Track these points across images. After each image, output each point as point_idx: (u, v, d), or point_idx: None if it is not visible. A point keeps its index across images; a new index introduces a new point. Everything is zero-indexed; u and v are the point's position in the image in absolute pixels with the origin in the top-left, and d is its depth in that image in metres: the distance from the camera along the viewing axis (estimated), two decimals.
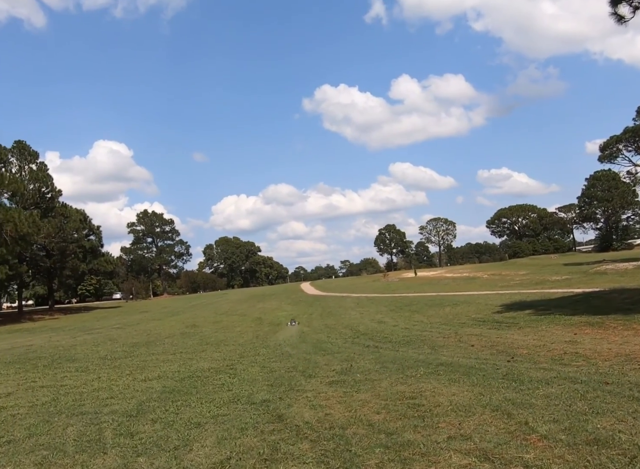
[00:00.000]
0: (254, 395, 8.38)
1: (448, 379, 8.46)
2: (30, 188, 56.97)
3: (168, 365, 12.87)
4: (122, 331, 27.10)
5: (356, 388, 8.35)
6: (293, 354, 13.48)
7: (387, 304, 29.54)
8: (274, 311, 33.36)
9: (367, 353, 12.72)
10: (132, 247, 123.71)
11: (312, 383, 9.17)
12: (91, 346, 19.96)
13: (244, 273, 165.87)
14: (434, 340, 14.30)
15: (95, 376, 11.89)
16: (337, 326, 21.10)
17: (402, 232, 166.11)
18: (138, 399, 8.74)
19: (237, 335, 20.66)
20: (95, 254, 69.96)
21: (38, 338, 26.98)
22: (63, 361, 15.44)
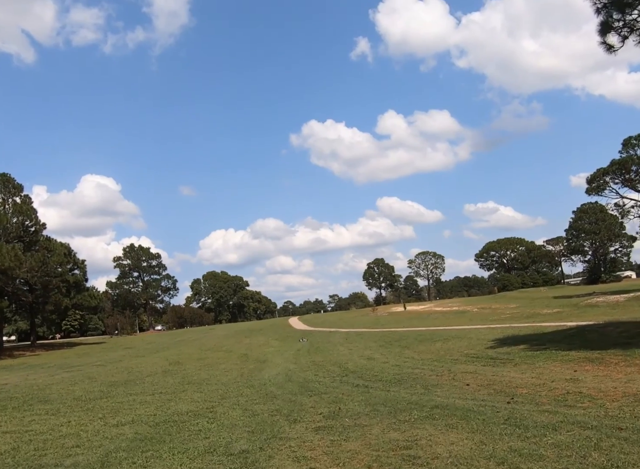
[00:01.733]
0: (233, 444, 7.63)
1: (445, 425, 7.77)
2: (13, 221, 56.03)
3: (144, 407, 12.05)
4: (103, 369, 26.09)
5: (345, 436, 7.62)
6: (278, 394, 12.70)
7: (377, 340, 28.79)
8: (261, 347, 32.48)
9: (356, 393, 11.97)
10: (118, 282, 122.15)
11: (296, 429, 8.43)
12: (68, 385, 19.01)
13: (232, 308, 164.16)
14: (427, 378, 13.60)
15: (65, 420, 11.05)
16: (325, 363, 20.31)
17: (390, 266, 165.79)
18: (105, 449, 7.96)
19: (221, 373, 19.81)
20: (80, 288, 68.56)
21: (14, 376, 25.89)
22: (35, 402, 14.53)
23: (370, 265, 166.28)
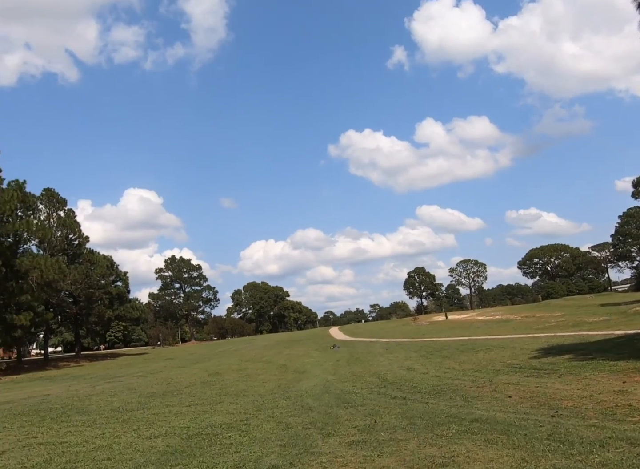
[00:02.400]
0: (262, 459, 7.41)
1: (484, 440, 7.41)
2: (57, 235, 57.37)
3: (179, 419, 11.94)
4: (143, 380, 26.25)
5: (379, 451, 7.33)
6: (314, 406, 12.44)
7: (417, 349, 28.30)
8: (301, 357, 32.27)
9: (393, 405, 11.63)
10: (160, 293, 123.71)
11: (329, 443, 8.16)
12: (107, 396, 19.11)
13: (273, 318, 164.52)
14: (467, 390, 13.16)
15: (100, 431, 11.01)
16: (364, 373, 19.97)
17: (431, 275, 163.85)
18: (135, 462, 7.83)
19: (259, 384, 19.65)
20: (122, 300, 69.76)
21: (57, 387, 26.29)
22: (73, 413, 14.60)
23: (411, 274, 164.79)
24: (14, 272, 42.73)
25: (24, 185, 48.11)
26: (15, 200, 43.65)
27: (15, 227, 45.48)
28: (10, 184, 46.54)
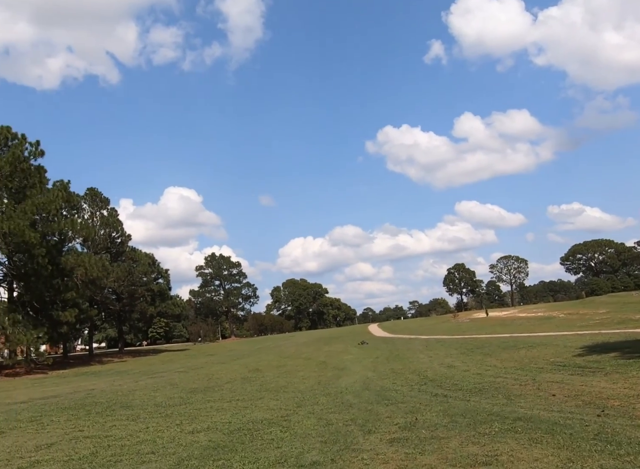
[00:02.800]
0: (304, 455, 7.44)
1: (528, 439, 7.29)
2: (101, 233, 58.59)
3: (221, 415, 12.07)
4: (185, 375, 26.63)
5: (420, 449, 7.28)
6: (354, 403, 12.44)
7: (458, 347, 28.02)
8: (340, 354, 32.27)
9: (434, 403, 11.55)
10: (201, 290, 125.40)
11: (370, 440, 8.15)
12: (150, 391, 19.45)
13: (312, 315, 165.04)
14: (510, 388, 12.98)
15: (143, 425, 11.21)
16: (404, 370, 19.86)
17: (471, 272, 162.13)
18: (178, 456, 7.95)
19: (299, 381, 19.72)
20: (164, 297, 70.79)
21: (102, 382, 26.83)
22: (117, 407, 14.90)
23: (450, 270, 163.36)
24: (59, 270, 43.75)
25: (68, 185, 49.20)
26: (60, 200, 44.65)
27: (61, 226, 46.57)
28: (55, 184, 47.64)
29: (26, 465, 8.03)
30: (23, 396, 21.50)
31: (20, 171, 41.38)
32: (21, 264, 42.89)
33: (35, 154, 43.41)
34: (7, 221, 37.31)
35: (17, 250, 41.00)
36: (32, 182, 42.77)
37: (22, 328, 38.30)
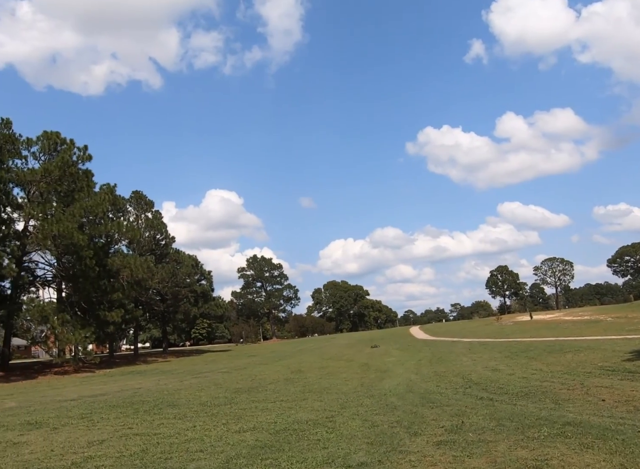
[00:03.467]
0: (351, 456, 7.47)
1: (579, 444, 7.18)
2: (146, 235, 59.73)
3: (266, 415, 12.19)
4: (228, 376, 26.92)
5: (468, 452, 7.24)
6: (398, 405, 12.41)
7: (502, 350, 27.64)
8: (382, 356, 32.17)
9: (480, 406, 11.44)
10: (242, 292, 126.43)
11: (417, 442, 8.13)
12: (195, 390, 19.73)
13: (353, 317, 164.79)
14: (557, 392, 12.76)
15: (190, 424, 11.40)
16: (448, 373, 19.71)
17: (515, 274, 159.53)
18: (227, 455, 8.07)
19: (341, 382, 19.74)
20: (206, 298, 71.75)
21: (148, 381, 27.32)
22: (164, 406, 15.17)
23: (493, 273, 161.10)
24: (106, 271, 44.76)
25: (114, 188, 50.36)
26: (106, 203, 45.70)
27: (107, 228, 47.66)
28: (102, 188, 48.81)
29: (80, 460, 8.25)
30: (73, 394, 22.08)
31: (69, 175, 42.51)
32: (70, 266, 44.03)
33: (83, 158, 44.54)
34: (56, 224, 38.33)
35: (66, 252, 42.09)
36: (80, 186, 43.89)
37: (70, 328, 39.31)
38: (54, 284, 47.12)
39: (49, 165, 41.71)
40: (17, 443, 10.12)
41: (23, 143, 43.88)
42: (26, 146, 44.02)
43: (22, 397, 22.82)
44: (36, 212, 40.38)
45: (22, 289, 45.80)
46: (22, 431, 11.52)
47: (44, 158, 44.07)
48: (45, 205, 41.58)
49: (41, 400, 20.09)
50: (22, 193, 44.19)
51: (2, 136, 42.37)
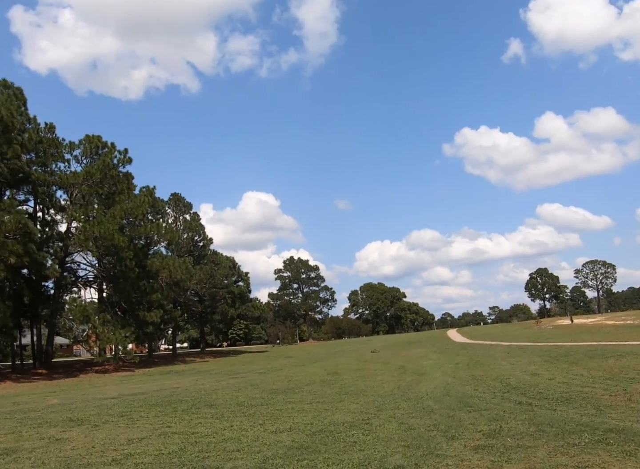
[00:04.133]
0: (387, 459, 7.45)
1: (621, 452, 7.01)
2: (184, 237, 60.57)
3: (302, 416, 12.23)
4: (265, 376, 27.08)
5: (506, 457, 7.14)
6: (435, 409, 12.31)
7: (541, 354, 27.16)
8: (419, 359, 31.94)
9: (519, 411, 11.27)
10: (279, 293, 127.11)
11: (454, 446, 8.06)
12: (232, 390, 19.90)
13: (389, 319, 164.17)
14: (599, 398, 12.48)
15: (228, 424, 11.51)
16: (486, 377, 19.45)
17: (555, 277, 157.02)
18: (263, 455, 8.13)
19: (378, 385, 19.66)
20: (244, 299, 72.34)
21: (186, 381, 27.66)
22: (202, 405, 15.35)
23: (532, 275, 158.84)
24: (145, 272, 45.53)
25: (153, 191, 51.29)
26: (146, 205, 46.53)
27: (147, 230, 48.51)
28: (142, 190, 49.73)
29: (120, 457, 8.41)
30: (113, 392, 22.51)
31: (110, 178, 43.42)
32: (110, 266, 44.93)
33: (123, 161, 45.44)
34: (97, 226, 39.16)
35: (107, 253, 42.97)
36: (121, 188, 44.78)
37: (111, 327, 40.10)
38: (95, 285, 48.15)
39: (90, 168, 42.68)
40: (59, 439, 10.38)
41: (66, 147, 45.05)
42: (69, 150, 45.18)
43: (64, 394, 23.37)
44: (78, 214, 41.35)
45: (64, 289, 46.95)
46: (65, 428, 11.81)
47: (85, 161, 45.14)
48: (87, 207, 42.56)
49: (83, 398, 20.54)
50: (65, 196, 45.40)
51: (46, 140, 43.52)
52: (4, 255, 33.06)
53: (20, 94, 41.13)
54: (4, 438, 10.77)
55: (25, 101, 42.00)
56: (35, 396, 23.02)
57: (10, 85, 40.33)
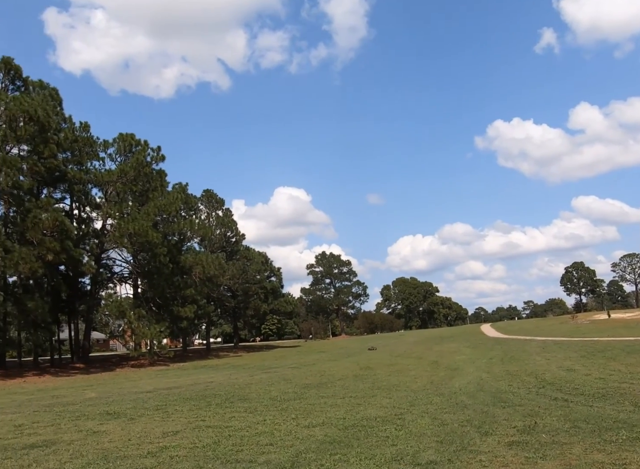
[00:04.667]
0: (420, 454, 7.42)
1: None
2: (217, 233, 61.08)
3: (335, 410, 12.25)
4: (297, 371, 27.19)
5: (541, 453, 7.06)
6: (469, 404, 12.22)
7: (577, 349, 26.74)
8: (452, 354, 31.72)
9: (554, 407, 11.12)
10: (311, 288, 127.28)
11: (488, 442, 7.99)
12: (265, 385, 20.04)
13: (422, 314, 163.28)
14: (637, 395, 12.25)
15: (261, 418, 11.60)
16: (520, 373, 19.23)
17: (591, 270, 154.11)
18: (296, 449, 8.17)
19: (410, 380, 19.59)
20: (276, 294, 72.73)
21: (219, 375, 27.95)
22: (235, 400, 15.51)
23: (568, 269, 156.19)
24: (179, 268, 46.08)
25: (186, 187, 51.93)
26: (179, 201, 47.07)
27: (180, 226, 49.11)
28: (175, 187, 50.37)
29: (155, 450, 8.54)
30: (148, 386, 22.87)
31: (144, 175, 44.02)
32: (145, 263, 45.59)
33: (156, 158, 46.00)
34: (132, 222, 39.76)
35: (141, 249, 43.62)
36: (154, 186, 45.35)
37: (146, 322, 40.72)
38: (130, 281, 48.94)
39: (124, 166, 43.32)
40: (96, 431, 10.59)
41: (100, 145, 45.83)
42: (103, 148, 45.96)
43: (101, 388, 23.83)
44: (113, 211, 42.04)
45: (100, 285, 47.87)
46: (102, 421, 12.04)
47: (119, 159, 45.85)
48: (122, 204, 43.21)
49: (119, 391, 20.93)
50: (100, 193, 46.23)
51: (81, 139, 44.32)
52: (42, 252, 33.81)
53: (55, 94, 41.98)
54: (43, 430, 11.04)
55: (60, 101, 42.87)
56: (73, 390, 23.53)
57: (46, 86, 41.18)
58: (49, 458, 8.18)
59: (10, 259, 32.35)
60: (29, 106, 34.32)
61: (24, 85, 39.27)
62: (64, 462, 7.87)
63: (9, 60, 37.37)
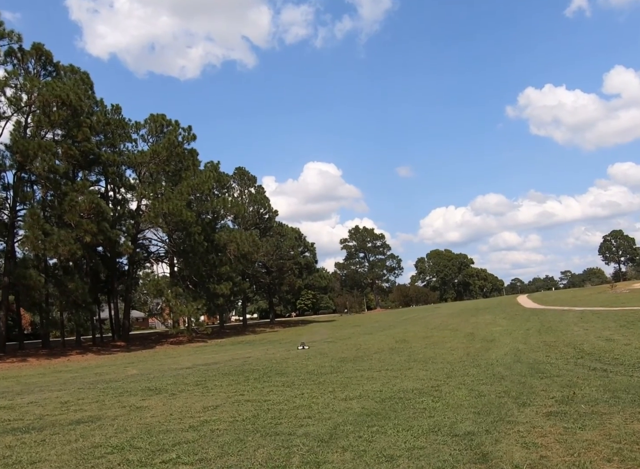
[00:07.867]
0: (457, 425, 7.46)
1: None
2: (249, 210, 61.45)
3: (371, 383, 12.35)
4: (333, 345, 27.40)
5: (580, 424, 7.03)
6: (506, 375, 12.19)
7: (616, 319, 26.32)
8: (488, 325, 31.55)
9: (593, 377, 11.02)
10: (345, 263, 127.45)
11: (525, 413, 7.98)
12: (302, 359, 20.26)
13: (457, 286, 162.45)
14: None
15: (298, 392, 11.76)
16: (558, 343, 19.05)
17: (630, 239, 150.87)
18: (334, 421, 8.28)
19: (446, 352, 19.58)
20: (310, 270, 73.17)
21: (256, 350, 28.36)
22: (273, 374, 15.74)
23: (606, 238, 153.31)
24: (214, 246, 46.60)
25: (218, 166, 52.20)
26: (211, 180, 47.40)
27: (213, 204, 49.57)
28: (207, 166, 50.68)
29: (196, 424, 8.75)
30: (187, 362, 23.34)
31: (176, 155, 44.38)
32: (180, 242, 46.20)
33: (188, 138, 46.30)
34: (166, 202, 40.25)
35: (176, 228, 44.17)
36: (187, 165, 45.73)
37: (183, 300, 41.39)
38: (167, 260, 49.71)
39: (157, 146, 43.73)
40: (139, 407, 10.89)
41: (132, 127, 46.31)
42: (135, 130, 46.42)
43: (142, 365, 24.41)
44: (147, 192, 42.61)
45: (137, 265, 48.75)
46: (144, 397, 12.36)
47: (152, 140, 46.30)
48: (155, 185, 43.74)
49: (159, 368, 21.41)
50: (134, 174, 46.80)
51: (113, 121, 44.84)
52: (80, 234, 34.51)
53: (87, 78, 42.38)
54: (88, 406, 11.39)
55: (91, 85, 43.28)
56: (115, 367, 24.16)
57: (77, 70, 41.58)
58: (95, 433, 8.44)
59: (50, 241, 33.09)
60: (61, 91, 34.74)
61: (55, 71, 39.68)
62: (109, 437, 8.11)
63: (39, 46, 37.73)
